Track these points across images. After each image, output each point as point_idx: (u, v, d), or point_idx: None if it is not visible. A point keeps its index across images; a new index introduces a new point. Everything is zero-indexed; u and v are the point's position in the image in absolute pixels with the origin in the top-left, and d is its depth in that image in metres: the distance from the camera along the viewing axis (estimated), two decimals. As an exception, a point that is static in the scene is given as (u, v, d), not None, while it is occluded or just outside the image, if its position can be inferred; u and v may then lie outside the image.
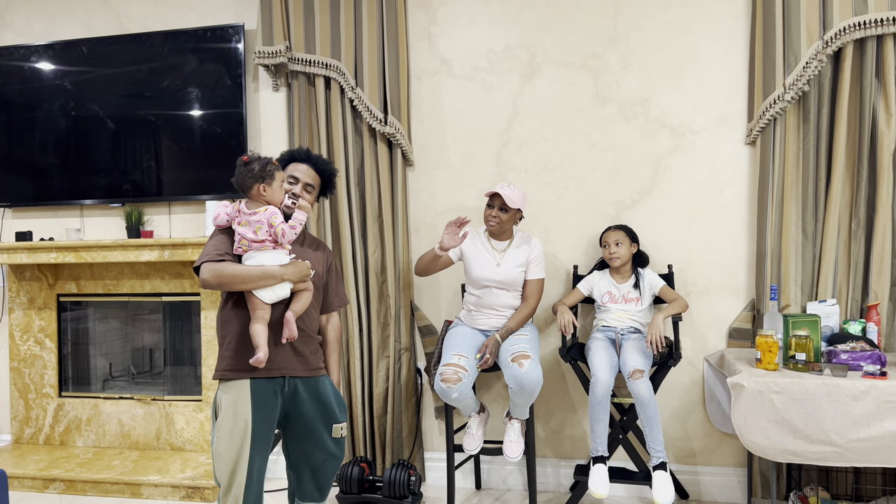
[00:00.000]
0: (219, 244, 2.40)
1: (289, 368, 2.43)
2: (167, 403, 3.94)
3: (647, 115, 3.38)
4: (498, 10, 3.52)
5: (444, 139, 3.61)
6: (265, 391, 2.38)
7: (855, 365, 2.68)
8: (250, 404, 2.33)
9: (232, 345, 2.39)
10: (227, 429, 2.31)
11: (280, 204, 2.46)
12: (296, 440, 2.50)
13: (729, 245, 3.31)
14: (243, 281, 2.32)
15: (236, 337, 2.39)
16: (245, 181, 2.40)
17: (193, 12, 3.87)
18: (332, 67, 3.54)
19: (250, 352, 2.36)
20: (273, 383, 2.40)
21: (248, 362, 2.35)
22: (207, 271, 2.31)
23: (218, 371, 2.40)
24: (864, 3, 3.00)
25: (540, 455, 3.55)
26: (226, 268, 2.31)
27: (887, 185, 3.02)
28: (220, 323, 2.45)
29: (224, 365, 2.39)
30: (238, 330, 2.39)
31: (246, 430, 2.31)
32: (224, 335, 2.42)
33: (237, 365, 2.37)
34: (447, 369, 2.91)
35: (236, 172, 2.42)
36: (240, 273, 2.32)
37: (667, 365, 3.05)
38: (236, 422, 2.31)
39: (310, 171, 2.64)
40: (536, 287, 3.20)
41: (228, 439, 2.30)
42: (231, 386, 2.36)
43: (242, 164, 2.41)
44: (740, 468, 3.33)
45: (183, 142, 3.83)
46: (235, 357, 2.38)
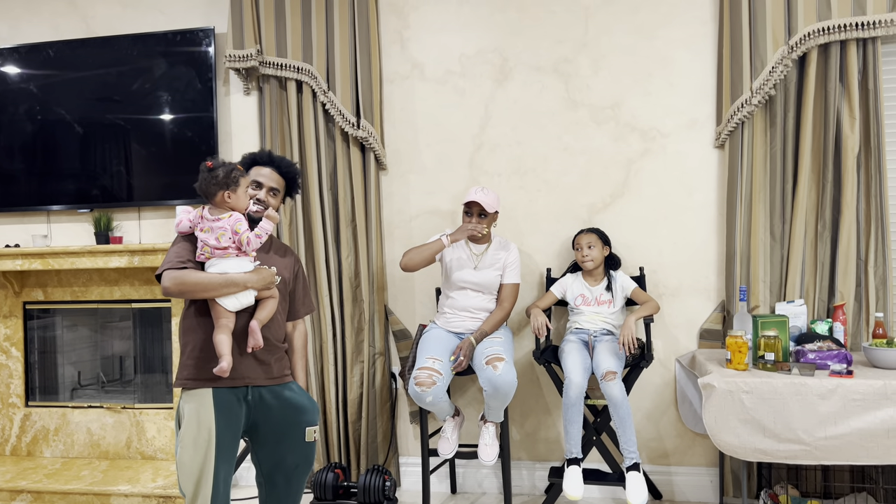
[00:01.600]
0: (181, 251, 2.35)
1: (252, 378, 2.38)
2: (138, 412, 3.88)
3: (618, 119, 3.41)
4: (470, 14, 3.53)
5: (417, 143, 3.60)
6: (228, 400, 2.33)
7: (822, 364, 2.72)
8: (214, 413, 2.29)
9: (195, 353, 2.34)
10: (190, 438, 2.26)
11: (245, 210, 2.41)
12: (266, 446, 2.46)
13: (699, 247, 3.35)
14: (205, 289, 2.27)
15: (199, 345, 2.34)
16: (209, 188, 2.34)
17: (162, 15, 3.82)
18: (303, 71, 3.52)
19: (213, 360, 2.31)
20: (236, 392, 2.36)
21: (210, 371, 2.31)
22: (168, 279, 2.25)
23: (179, 379, 2.34)
24: (828, 9, 3.06)
25: (515, 458, 3.56)
26: (187, 275, 2.26)
27: (851, 187, 3.08)
28: (182, 331, 2.39)
29: (186, 374, 2.34)
30: (201, 338, 2.34)
31: (210, 440, 2.26)
32: (186, 343, 2.37)
33: (199, 374, 2.32)
34: (421, 373, 2.91)
35: (200, 179, 2.35)
36: (202, 281, 2.27)
37: (639, 366, 3.08)
38: (200, 431, 2.27)
39: (273, 175, 2.58)
40: (511, 291, 3.21)
41: (192, 449, 2.26)
42: (194, 395, 2.32)
43: (206, 171, 2.33)
44: (712, 468, 3.37)
45: (153, 146, 3.78)
46: (198, 366, 2.33)
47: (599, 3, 3.41)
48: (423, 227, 3.60)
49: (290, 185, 2.67)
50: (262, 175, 2.56)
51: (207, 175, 2.33)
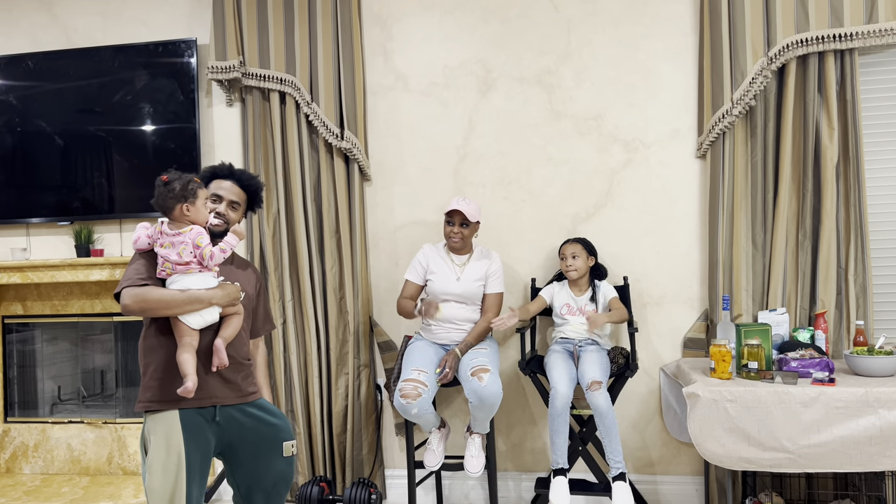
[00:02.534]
0: (140, 268, 2.25)
1: (219, 397, 2.31)
2: (119, 426, 3.83)
3: (601, 129, 3.43)
4: (453, 26, 3.54)
5: (402, 154, 3.61)
6: (196, 421, 2.25)
7: (804, 372, 2.74)
8: (182, 435, 2.20)
9: (157, 374, 2.25)
10: (159, 463, 2.18)
11: (205, 223, 2.33)
12: (243, 466, 2.39)
13: (682, 256, 3.38)
14: (168, 306, 2.18)
15: (162, 365, 2.25)
16: (166, 202, 2.24)
17: (145, 27, 3.81)
18: (286, 82, 3.52)
19: (177, 381, 2.20)
20: (203, 413, 2.28)
21: (175, 392, 2.20)
22: (129, 296, 2.15)
23: (143, 402, 2.25)
24: (806, 21, 3.11)
25: (501, 469, 3.55)
26: (149, 292, 2.17)
27: (831, 196, 3.12)
28: (144, 351, 2.30)
29: (150, 395, 2.25)
30: (164, 358, 2.25)
31: (180, 463, 2.18)
32: (148, 363, 2.28)
33: (164, 395, 2.23)
34: (406, 385, 2.90)
35: (156, 193, 2.25)
36: (164, 298, 2.18)
37: (624, 375, 3.09)
38: (169, 455, 2.18)
39: (234, 188, 2.50)
40: (495, 301, 3.21)
41: (162, 474, 2.17)
42: (160, 418, 2.23)
43: (162, 185, 2.24)
44: (698, 476, 3.38)
45: (135, 158, 3.75)
46: (162, 387, 2.24)
47: (582, 14, 3.44)
48: (408, 238, 3.60)
49: (251, 199, 2.58)
50: (222, 188, 2.49)
51: (164, 189, 2.24)
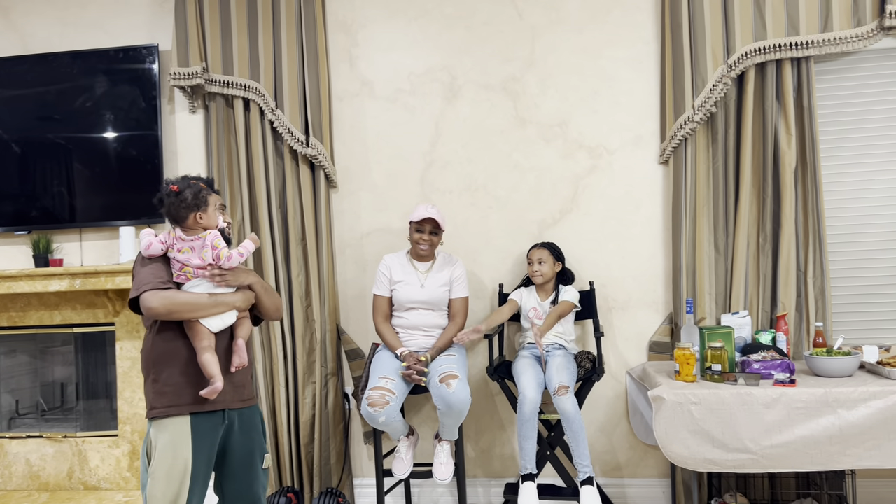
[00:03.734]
0: (158, 272, 2.24)
1: (228, 401, 2.29)
2: (80, 440, 3.74)
3: (566, 136, 3.46)
4: (418, 33, 3.55)
5: (368, 160, 3.59)
6: (205, 427, 2.23)
7: (766, 374, 2.79)
8: (191, 443, 2.19)
9: (172, 380, 2.22)
10: (164, 471, 2.15)
11: (217, 228, 2.34)
12: (233, 475, 2.34)
13: (646, 261, 3.42)
14: (194, 309, 2.19)
15: (178, 371, 2.22)
16: (179, 212, 2.26)
17: (104, 33, 3.74)
18: (250, 89, 3.49)
19: (192, 386, 2.21)
20: (213, 418, 2.26)
21: (190, 397, 2.21)
22: (157, 300, 2.15)
23: (156, 409, 2.21)
24: (764, 30, 3.18)
25: (470, 475, 3.54)
26: (176, 295, 2.18)
27: (790, 201, 3.18)
28: (153, 357, 2.25)
29: (165, 402, 2.21)
30: (180, 363, 2.23)
31: (185, 472, 2.16)
32: (160, 370, 2.23)
33: (178, 400, 2.21)
34: (374, 393, 2.88)
35: (167, 204, 2.26)
36: (191, 301, 2.20)
37: (591, 380, 3.11)
38: (175, 462, 2.16)
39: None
40: (462, 305, 3.22)
41: (165, 482, 2.15)
42: (168, 424, 2.20)
43: (173, 195, 2.25)
44: (664, 479, 3.41)
45: (96, 166, 3.68)
46: (177, 392, 2.21)
47: (546, 22, 3.47)
48: (375, 245, 3.59)
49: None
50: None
51: (175, 199, 2.25)
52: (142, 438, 3.68)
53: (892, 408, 2.53)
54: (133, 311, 2.31)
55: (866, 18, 3.13)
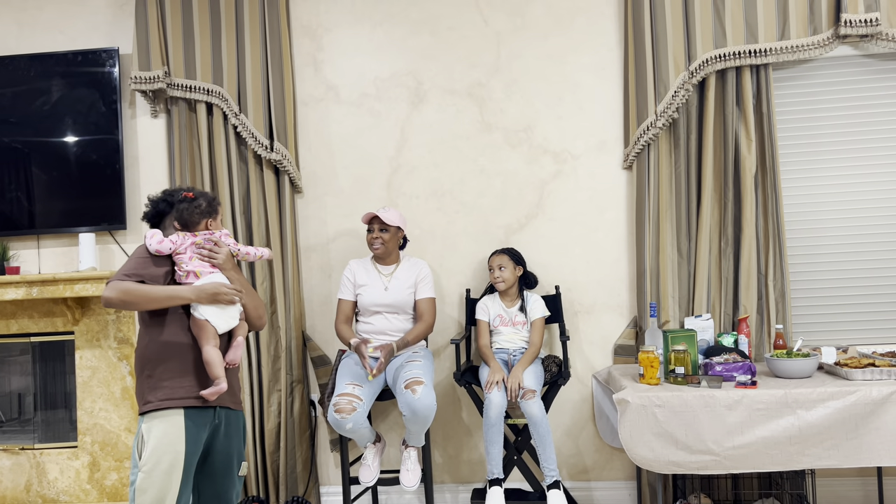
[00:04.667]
0: (139, 267, 2.29)
1: (223, 399, 2.33)
2: (38, 452, 3.65)
3: (531, 141, 3.48)
4: (383, 37, 3.54)
5: (334, 165, 3.57)
6: (198, 422, 2.26)
7: (728, 376, 2.83)
8: (184, 436, 2.21)
9: (167, 375, 2.25)
10: (153, 463, 2.18)
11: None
12: (212, 477, 2.36)
13: (611, 265, 3.45)
14: (149, 301, 2.23)
15: (174, 366, 2.26)
16: (192, 216, 2.37)
17: (62, 35, 3.67)
18: (213, 93, 3.44)
19: (187, 381, 2.26)
20: (206, 414, 2.29)
21: (185, 391, 2.24)
22: (112, 290, 2.19)
23: (150, 403, 2.23)
24: (724, 37, 3.23)
25: (438, 481, 3.53)
26: (132, 287, 2.22)
27: (751, 205, 3.24)
28: (148, 354, 2.28)
29: (160, 395, 2.23)
30: (177, 359, 2.27)
31: (176, 464, 2.19)
32: (154, 366, 2.27)
33: (173, 394, 2.24)
34: (341, 399, 2.85)
35: (181, 209, 2.37)
36: (145, 292, 2.23)
37: (557, 384, 3.12)
38: (167, 455, 2.18)
39: None
40: (429, 305, 3.20)
41: (156, 475, 2.17)
42: (161, 417, 2.22)
43: (188, 201, 2.38)
44: (630, 481, 3.44)
45: (54, 170, 3.60)
46: (172, 386, 2.24)
47: (511, 28, 3.48)
48: (341, 250, 3.56)
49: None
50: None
51: (190, 205, 2.38)
52: (103, 450, 3.60)
53: (849, 408, 2.59)
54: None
55: (822, 27, 3.20)
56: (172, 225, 2.41)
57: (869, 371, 2.70)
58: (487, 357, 3.16)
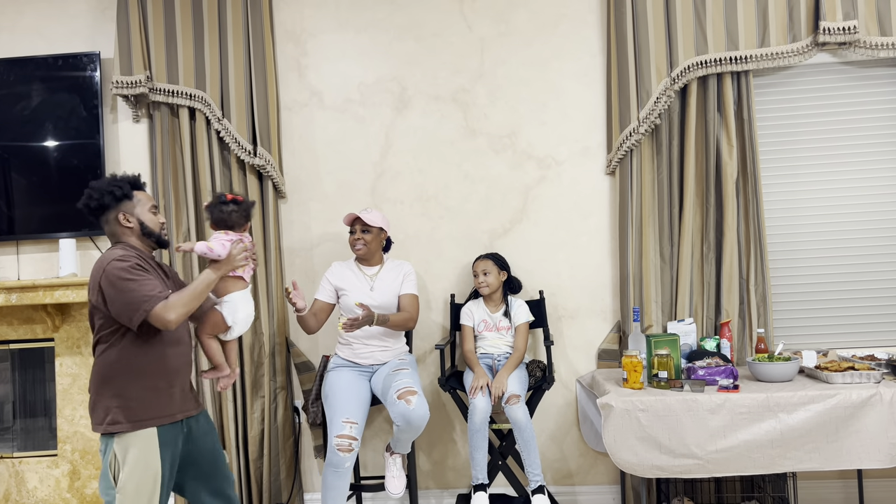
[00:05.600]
0: (152, 285, 2.20)
1: (187, 409, 2.35)
2: (17, 461, 3.60)
3: (515, 147, 3.49)
4: (367, 43, 3.54)
5: (318, 171, 3.56)
6: (169, 438, 2.26)
7: (711, 380, 2.85)
8: (159, 454, 2.21)
9: (137, 393, 2.22)
10: (133, 485, 2.17)
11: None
12: (200, 479, 2.40)
13: (595, 270, 3.46)
14: (198, 296, 2.27)
15: (144, 383, 2.24)
16: (232, 217, 2.46)
17: (42, 39, 3.63)
18: (196, 98, 3.42)
19: (157, 398, 2.25)
20: (175, 428, 2.30)
21: (156, 410, 2.24)
22: (170, 310, 2.16)
23: (121, 424, 2.19)
24: (705, 44, 3.27)
25: (423, 487, 3.52)
26: (179, 296, 2.21)
27: (732, 210, 3.27)
28: (117, 369, 2.22)
29: (132, 416, 2.20)
30: (147, 375, 2.24)
31: (155, 484, 2.19)
32: (124, 383, 2.22)
33: (144, 414, 2.22)
34: (342, 441, 2.79)
35: (224, 210, 2.45)
36: (190, 292, 2.25)
37: (541, 388, 3.13)
38: (146, 475, 2.18)
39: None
40: (411, 301, 3.14)
41: (137, 495, 2.17)
42: (134, 437, 2.20)
43: (234, 203, 2.47)
44: (614, 485, 3.45)
45: (34, 175, 3.56)
46: (143, 406, 2.22)
47: (494, 34, 3.50)
48: (325, 256, 3.55)
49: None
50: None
51: (236, 206, 2.48)
52: (83, 458, 3.56)
53: (829, 411, 2.62)
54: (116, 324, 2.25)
55: (801, 34, 3.24)
56: (211, 228, 2.50)
57: (849, 374, 2.73)
58: (472, 362, 3.16)
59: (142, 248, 2.36)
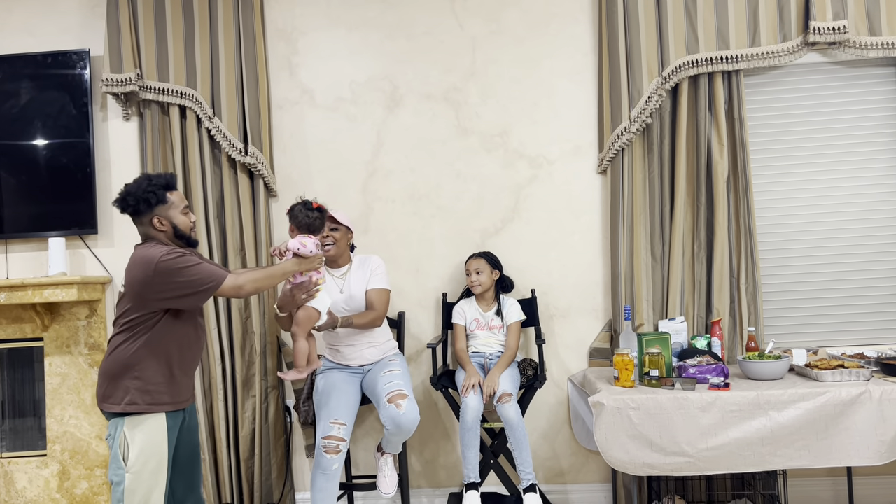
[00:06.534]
0: (211, 264, 2.37)
1: (189, 398, 2.45)
2: (6, 461, 3.57)
3: (507, 146, 3.49)
4: (359, 41, 3.53)
5: (309, 169, 3.55)
6: (174, 424, 2.36)
7: (702, 378, 2.85)
8: (167, 438, 2.32)
9: (156, 378, 2.32)
10: (142, 464, 2.27)
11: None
12: (181, 473, 2.44)
13: (586, 269, 3.47)
14: (270, 276, 2.48)
15: (163, 370, 2.34)
16: (318, 225, 2.75)
17: (32, 37, 3.61)
18: (187, 96, 3.41)
19: (172, 386, 2.35)
20: (178, 416, 2.40)
21: (169, 396, 2.34)
22: (243, 280, 2.37)
23: (137, 405, 2.29)
24: (696, 44, 3.27)
25: (415, 486, 3.52)
26: (254, 272, 2.44)
27: (723, 209, 3.28)
28: (140, 355, 2.31)
29: (148, 399, 2.31)
30: (166, 363, 2.34)
31: (161, 465, 2.30)
32: (144, 367, 2.31)
33: (160, 399, 2.32)
34: (329, 443, 2.79)
35: (310, 216, 2.71)
36: (266, 273, 2.48)
37: (533, 387, 3.13)
38: (154, 455, 2.29)
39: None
40: (379, 296, 3.06)
41: (145, 476, 2.27)
42: (147, 421, 2.30)
43: (319, 211, 2.74)
44: (606, 483, 3.45)
45: (23, 174, 3.54)
46: (160, 391, 2.33)
47: (486, 33, 3.50)
48: (317, 255, 3.54)
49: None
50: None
51: (320, 214, 2.75)
52: (73, 458, 3.54)
53: (819, 409, 2.63)
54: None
55: (792, 34, 3.26)
56: (293, 229, 2.74)
57: (839, 373, 2.74)
58: (463, 361, 3.16)
59: (173, 247, 2.41)
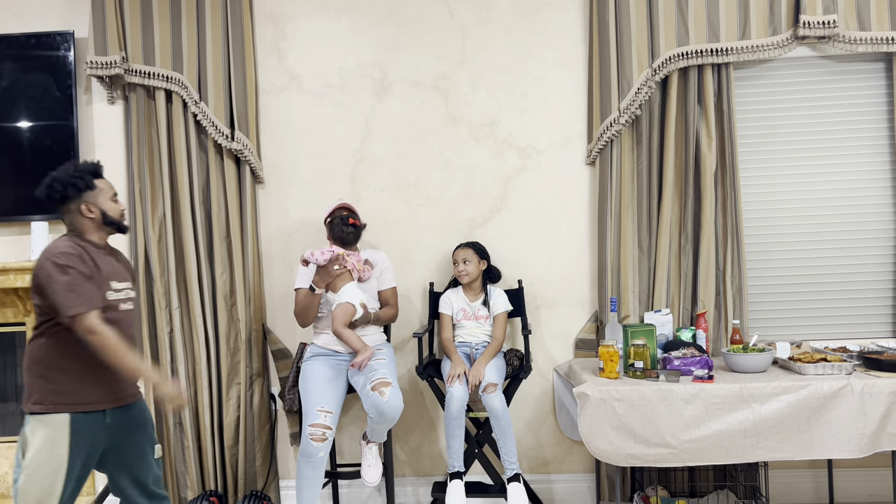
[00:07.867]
0: (93, 292, 2.25)
1: (108, 401, 2.32)
2: (-13, 447, 3.55)
3: (496, 135, 3.48)
4: (348, 27, 3.50)
5: (296, 156, 3.53)
6: (84, 426, 2.26)
7: (686, 370, 2.87)
8: (68, 440, 2.22)
9: (64, 378, 2.24)
10: (37, 465, 2.19)
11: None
12: (124, 468, 2.39)
13: (573, 260, 3.47)
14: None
15: (74, 370, 2.26)
16: (350, 239, 3.05)
17: (14, 17, 3.54)
18: (173, 80, 3.36)
19: (80, 386, 2.25)
20: (93, 418, 2.29)
21: (75, 397, 2.24)
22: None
23: (41, 405, 2.23)
24: (687, 36, 3.27)
25: (399, 474, 3.52)
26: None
27: (710, 203, 3.29)
28: (52, 354, 2.25)
29: (53, 399, 2.23)
30: (78, 363, 2.25)
31: (60, 469, 2.20)
32: (55, 368, 2.24)
33: (63, 399, 2.24)
34: (315, 431, 2.79)
35: (343, 230, 3.02)
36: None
37: (519, 377, 3.14)
38: (50, 459, 2.19)
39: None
40: (394, 294, 3.23)
41: (38, 478, 2.18)
42: (47, 420, 2.22)
43: (353, 227, 3.04)
44: (589, 473, 3.47)
45: (6, 157, 3.49)
46: (67, 391, 2.24)
47: (476, 21, 3.47)
48: (303, 242, 3.52)
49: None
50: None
51: (353, 230, 3.05)
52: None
53: (801, 402, 2.65)
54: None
55: (782, 28, 3.26)
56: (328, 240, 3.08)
57: (821, 366, 2.76)
58: (450, 351, 3.16)
59: (97, 239, 2.35)
